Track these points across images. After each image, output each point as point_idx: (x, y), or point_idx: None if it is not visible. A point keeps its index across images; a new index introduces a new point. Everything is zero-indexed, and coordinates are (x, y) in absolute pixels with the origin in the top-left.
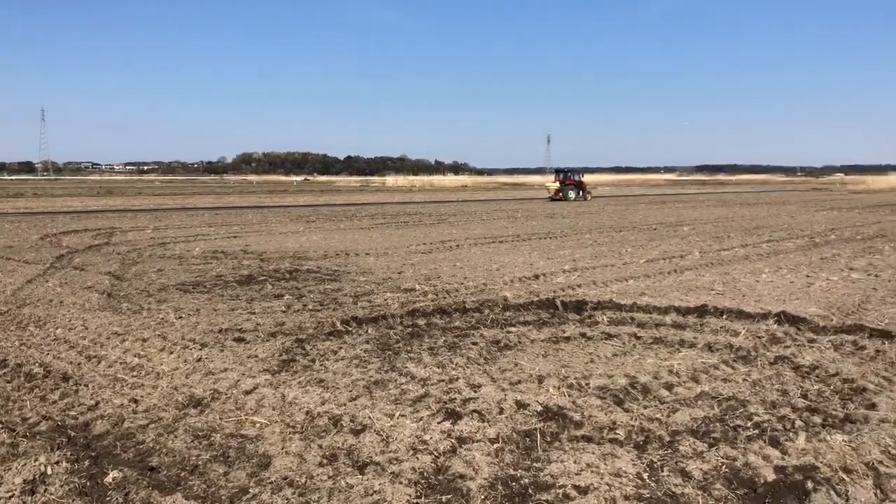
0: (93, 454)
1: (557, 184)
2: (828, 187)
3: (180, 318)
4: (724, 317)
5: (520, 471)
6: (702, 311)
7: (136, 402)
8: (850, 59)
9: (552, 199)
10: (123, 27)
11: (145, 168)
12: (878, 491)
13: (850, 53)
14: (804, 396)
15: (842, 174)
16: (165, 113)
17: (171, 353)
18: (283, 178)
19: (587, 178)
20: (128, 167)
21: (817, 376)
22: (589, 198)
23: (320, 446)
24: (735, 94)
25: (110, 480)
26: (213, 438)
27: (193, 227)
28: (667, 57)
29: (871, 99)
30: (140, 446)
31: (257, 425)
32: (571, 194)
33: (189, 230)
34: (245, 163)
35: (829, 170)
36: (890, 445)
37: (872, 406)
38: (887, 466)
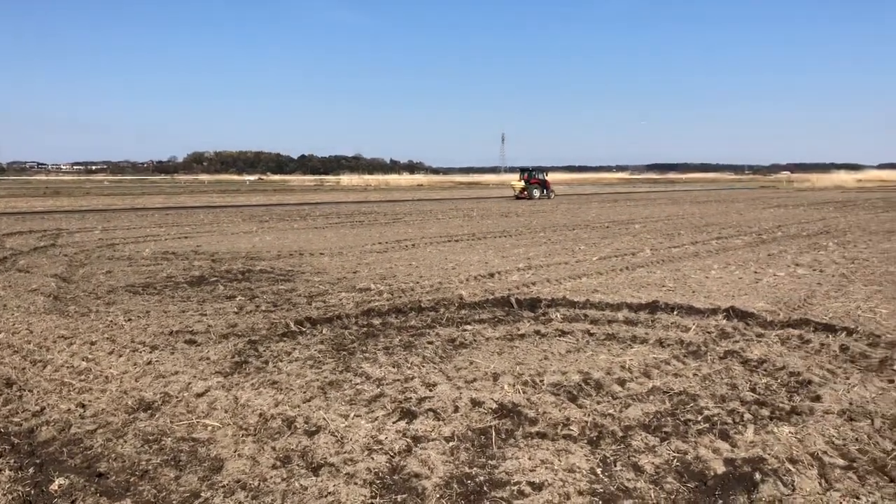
0: (38, 461)
1: (522, 182)
2: (775, 185)
3: (130, 320)
4: (675, 313)
5: (475, 468)
6: (653, 307)
7: (83, 406)
8: (795, 62)
9: (517, 198)
10: (67, 22)
11: (93, 168)
12: (823, 480)
13: (795, 56)
14: (752, 390)
15: (788, 172)
16: (114, 112)
17: (121, 356)
18: (235, 177)
19: (548, 178)
20: (75, 167)
21: (765, 370)
22: (552, 196)
23: (274, 448)
24: (685, 94)
25: (56, 488)
26: (163, 442)
27: (143, 227)
28: (619, 57)
29: (815, 100)
30: (87, 452)
31: (209, 428)
32: (536, 192)
33: (139, 231)
34: (196, 162)
35: (776, 168)
36: (834, 436)
37: (817, 398)
38: (831, 456)
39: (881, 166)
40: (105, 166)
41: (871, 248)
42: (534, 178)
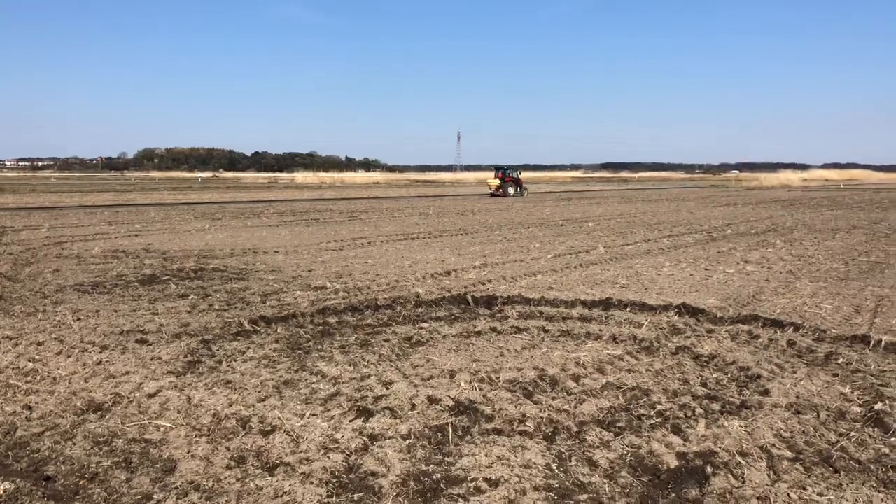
0: None
1: (498, 180)
2: (724, 184)
3: (78, 319)
4: (628, 309)
5: (431, 466)
6: (607, 303)
7: (30, 409)
8: (740, 63)
9: (492, 195)
10: (10, 14)
11: (40, 164)
12: (772, 472)
13: (742, 60)
14: (703, 385)
15: (737, 171)
16: (62, 107)
17: (69, 356)
18: (187, 174)
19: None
20: (21, 163)
21: (716, 365)
22: (525, 193)
23: (228, 448)
24: (637, 93)
25: (1, 493)
26: (114, 444)
27: (92, 225)
28: (573, 55)
29: (762, 100)
30: (34, 455)
31: (161, 429)
32: (511, 190)
33: (88, 229)
34: (147, 159)
35: (725, 167)
36: (782, 429)
37: (766, 392)
38: (779, 449)
39: (825, 166)
40: (52, 163)
41: (817, 245)
42: (508, 177)
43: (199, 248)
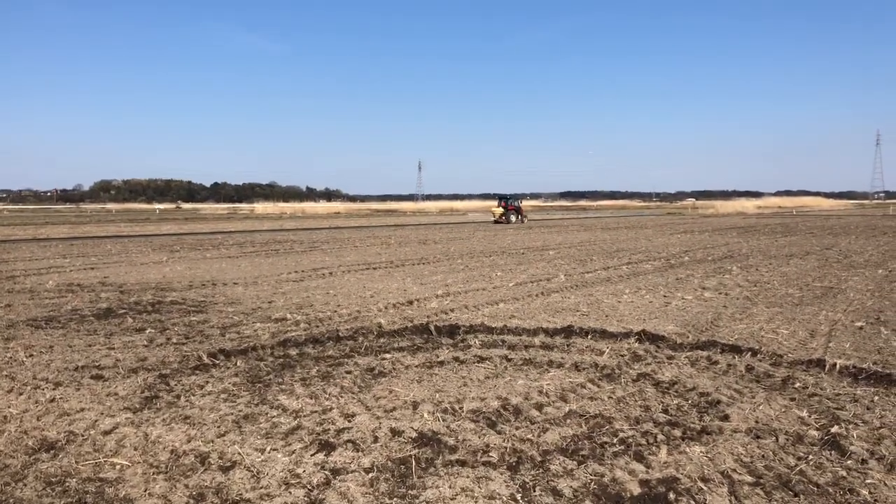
0: None
1: (501, 209)
2: (681, 212)
3: (31, 356)
4: (590, 337)
5: (395, 499)
6: (568, 331)
7: None
8: (695, 93)
9: (496, 222)
10: None
11: None
12: (733, 497)
13: (696, 87)
14: (665, 411)
15: (693, 199)
16: (15, 138)
17: (21, 394)
18: (145, 206)
19: (465, 205)
20: None
21: (676, 391)
22: (525, 221)
23: (186, 486)
24: (595, 124)
25: None
26: (67, 484)
27: (46, 258)
28: (532, 87)
29: (716, 130)
30: None
31: (118, 467)
32: (513, 218)
33: (41, 262)
34: (104, 190)
35: (681, 195)
36: (742, 454)
37: (726, 417)
38: (740, 474)
39: (778, 193)
40: (5, 195)
41: (772, 271)
42: (510, 206)
43: (157, 280)
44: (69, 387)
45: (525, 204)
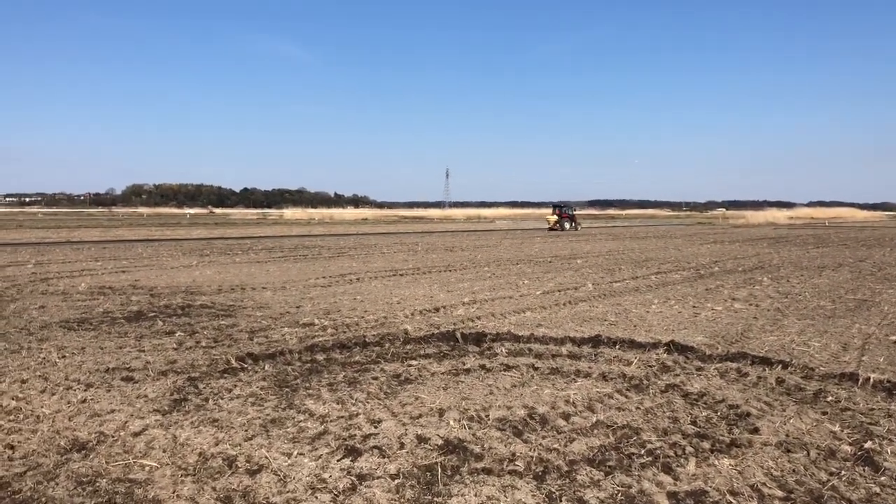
0: None
1: (556, 217)
2: (711, 221)
3: (64, 357)
4: (617, 347)
5: None
6: (596, 341)
7: (12, 448)
8: (727, 102)
9: (550, 230)
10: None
11: (27, 200)
12: None
13: (727, 95)
14: (693, 423)
15: (723, 209)
16: (50, 142)
17: (54, 394)
18: (175, 210)
19: (492, 212)
20: (8, 199)
21: (705, 403)
22: (579, 228)
23: (214, 489)
24: (625, 132)
25: None
26: (98, 484)
27: (79, 261)
28: (557, 95)
29: (749, 140)
30: (16, 496)
31: (147, 468)
32: (567, 225)
33: (74, 265)
34: (135, 195)
35: (711, 205)
36: (772, 467)
37: (755, 430)
38: (770, 488)
39: (810, 204)
40: (39, 198)
41: (804, 282)
42: (564, 213)
43: (187, 284)
44: (100, 388)
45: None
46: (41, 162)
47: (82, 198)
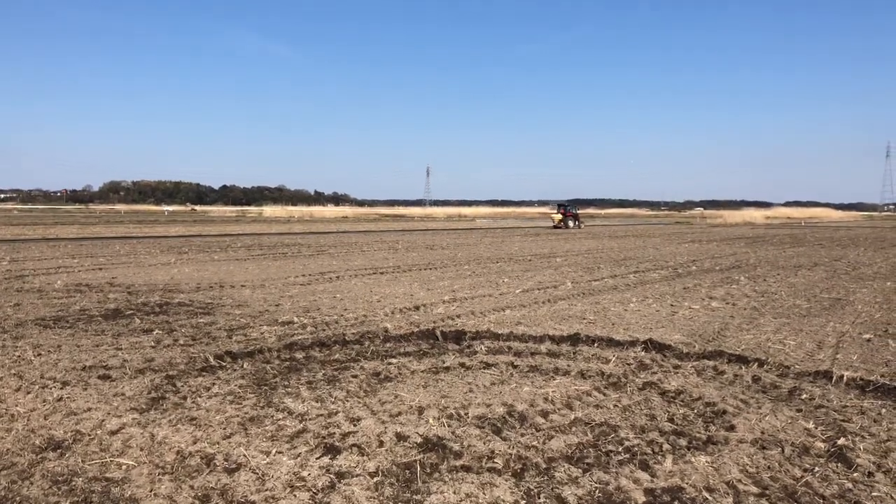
0: None
1: (560, 215)
2: (689, 221)
3: (39, 355)
4: (596, 345)
5: None
6: (575, 339)
7: None
8: (704, 103)
9: (555, 227)
10: None
11: (2, 196)
12: None
13: (704, 97)
14: (671, 420)
15: (701, 209)
16: (24, 137)
17: (29, 392)
18: (153, 207)
19: (473, 211)
20: None
21: (682, 401)
22: (582, 227)
23: (192, 487)
24: (605, 131)
25: None
26: (74, 483)
27: (55, 258)
28: (538, 94)
29: (727, 140)
30: None
31: (124, 467)
32: (571, 223)
33: (50, 262)
34: (113, 192)
35: (690, 204)
36: (748, 464)
37: (732, 427)
38: (745, 484)
39: (787, 204)
40: (14, 195)
41: (780, 281)
42: (569, 212)
43: (165, 282)
44: (76, 386)
45: (533, 211)
46: (17, 158)
47: (59, 194)
